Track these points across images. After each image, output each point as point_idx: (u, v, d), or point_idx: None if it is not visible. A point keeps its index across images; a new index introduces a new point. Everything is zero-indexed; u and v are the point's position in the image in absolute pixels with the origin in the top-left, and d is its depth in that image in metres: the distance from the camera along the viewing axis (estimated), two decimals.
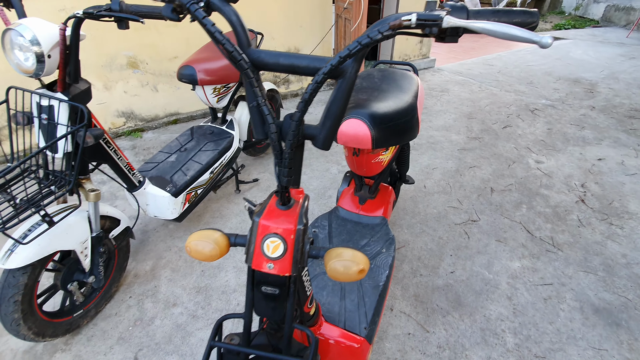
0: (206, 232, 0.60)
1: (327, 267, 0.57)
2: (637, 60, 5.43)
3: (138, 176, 1.52)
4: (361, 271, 0.56)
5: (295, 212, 0.59)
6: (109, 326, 1.46)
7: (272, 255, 0.56)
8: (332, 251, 0.58)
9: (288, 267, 0.57)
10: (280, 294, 0.61)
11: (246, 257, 0.58)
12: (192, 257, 0.60)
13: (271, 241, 0.56)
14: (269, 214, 0.58)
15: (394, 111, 1.07)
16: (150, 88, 2.96)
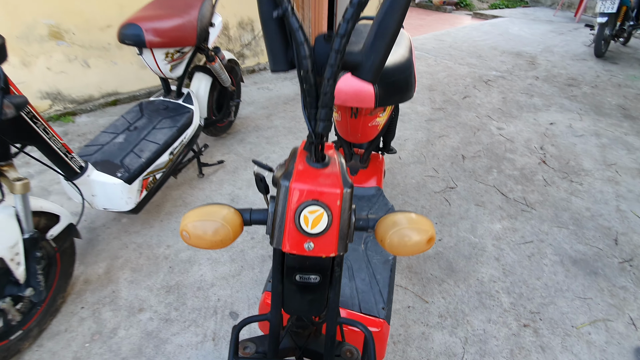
0: (209, 208, 0.43)
1: (386, 240, 0.43)
2: (565, 35, 5.92)
3: (78, 161, 1.23)
4: (430, 240, 0.43)
5: (335, 170, 0.43)
6: (59, 346, 1.19)
7: (313, 230, 0.40)
8: (387, 219, 0.44)
9: (333, 245, 0.41)
10: (322, 282, 0.45)
11: (272, 238, 0.42)
12: (192, 244, 0.42)
13: (311, 211, 0.40)
14: (302, 174, 0.42)
15: (394, 65, 0.94)
16: (79, 63, 2.50)
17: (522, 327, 1.26)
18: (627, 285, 1.43)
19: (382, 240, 0.44)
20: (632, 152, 2.39)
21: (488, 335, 1.24)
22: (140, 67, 2.77)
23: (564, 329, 1.26)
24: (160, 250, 1.56)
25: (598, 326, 1.28)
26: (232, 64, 2.13)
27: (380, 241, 0.44)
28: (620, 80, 3.77)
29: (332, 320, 0.47)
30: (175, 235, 1.63)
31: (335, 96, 0.91)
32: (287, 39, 0.41)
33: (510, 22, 6.83)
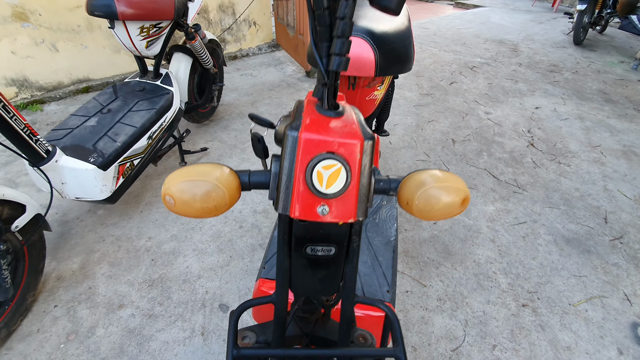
0: (199, 167, 0.35)
1: (414, 203, 0.36)
2: (544, 24, 6.01)
3: (45, 144, 1.11)
4: (465, 200, 0.36)
5: (350, 119, 0.36)
6: (31, 348, 1.09)
7: (328, 190, 0.33)
8: (412, 178, 0.37)
9: (352, 209, 0.34)
10: (337, 255, 0.38)
11: (276, 202, 0.34)
12: (177, 212, 0.34)
13: (325, 166, 0.32)
14: (314, 123, 0.34)
15: (393, 32, 0.87)
16: (47, 47, 2.31)
17: (521, 307, 1.25)
18: (620, 262, 1.44)
19: (407, 203, 0.37)
20: (615, 134, 2.44)
21: (488, 316, 1.21)
22: (113, 51, 2.59)
23: (562, 307, 1.25)
24: (141, 242, 1.45)
25: (594, 303, 1.27)
26: (213, 45, 2.01)
27: (405, 204, 0.37)
28: (599, 66, 3.85)
29: (348, 300, 0.40)
30: (157, 227, 1.52)
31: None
32: None
33: (491, 12, 6.89)
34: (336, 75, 0.34)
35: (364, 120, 1.09)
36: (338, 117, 0.35)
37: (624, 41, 5.02)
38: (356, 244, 0.38)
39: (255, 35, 3.52)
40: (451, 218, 1.62)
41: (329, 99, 0.35)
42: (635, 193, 1.85)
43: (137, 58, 1.57)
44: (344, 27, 0.31)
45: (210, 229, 1.52)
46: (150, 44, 1.45)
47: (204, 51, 1.74)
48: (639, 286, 1.34)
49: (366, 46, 0.79)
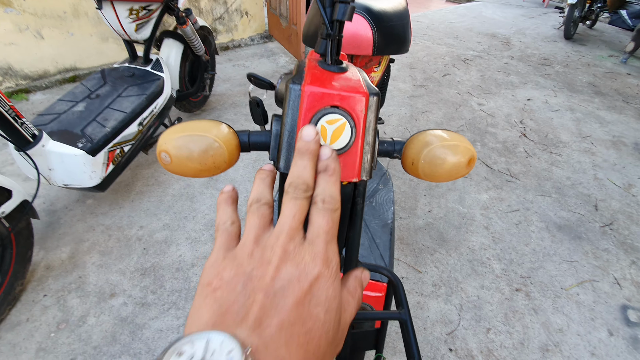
0: (196, 123, 0.33)
1: (419, 162, 0.35)
2: (535, 19, 6.06)
3: (31, 128, 1.07)
4: (471, 160, 0.35)
5: (354, 75, 0.34)
6: (20, 337, 1.06)
7: (332, 145, 0.31)
8: (417, 138, 0.36)
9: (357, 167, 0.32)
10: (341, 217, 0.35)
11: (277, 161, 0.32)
12: (173, 170, 0.32)
13: (329, 121, 0.30)
14: (317, 77, 0.32)
15: (392, 10, 0.86)
16: (32, 34, 2.24)
17: (514, 291, 1.26)
18: (609, 247, 1.47)
19: (413, 163, 0.36)
20: (605, 125, 2.47)
21: (482, 301, 1.22)
22: (101, 39, 2.52)
23: (554, 291, 1.27)
24: (133, 231, 1.42)
25: (585, 287, 1.29)
26: (205, 32, 1.96)
27: (410, 165, 0.36)
28: (589, 60, 3.90)
29: (351, 266, 0.38)
30: (149, 216, 1.49)
31: None
32: None
33: (483, 6, 6.92)
34: (340, 25, 0.33)
35: None
36: (342, 73, 0.34)
37: (613, 36, 5.09)
38: (360, 206, 0.36)
39: (248, 25, 3.47)
40: (446, 207, 1.63)
41: (333, 53, 0.34)
42: (624, 181, 1.88)
43: (126, 43, 1.53)
44: None
45: (203, 217, 1.50)
46: (139, 27, 1.41)
47: (195, 37, 1.70)
48: (628, 270, 1.37)
49: (364, 23, 0.78)
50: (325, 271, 0.22)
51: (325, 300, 0.21)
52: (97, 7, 1.27)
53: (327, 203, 0.25)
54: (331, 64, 0.34)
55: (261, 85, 0.49)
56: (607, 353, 1.08)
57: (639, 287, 1.30)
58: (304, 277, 0.21)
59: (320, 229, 0.24)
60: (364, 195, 0.36)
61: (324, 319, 0.21)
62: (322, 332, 0.21)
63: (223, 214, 0.27)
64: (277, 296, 0.20)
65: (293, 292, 0.20)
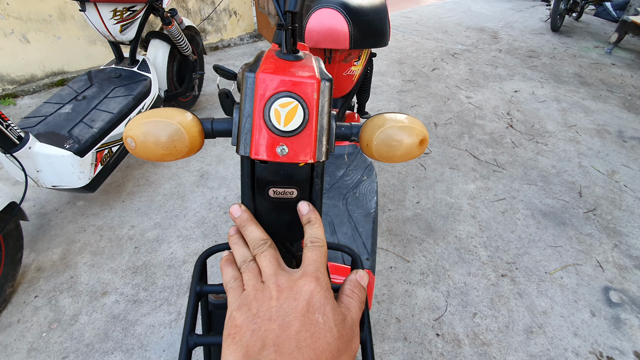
0: (161, 110, 0.35)
1: (373, 143, 0.37)
2: (523, 12, 6.12)
3: (17, 130, 1.08)
4: (423, 141, 0.37)
5: (309, 62, 0.37)
6: (12, 338, 1.07)
7: (286, 127, 0.33)
8: (372, 120, 0.38)
9: (311, 148, 0.34)
10: (300, 198, 0.38)
11: (237, 145, 0.34)
12: (138, 154, 0.34)
13: (282, 104, 0.33)
14: (272, 65, 0.35)
15: (368, 5, 0.88)
16: (17, 38, 2.23)
17: (500, 277, 1.29)
18: (593, 232, 1.50)
19: (367, 145, 0.38)
20: (590, 115, 2.52)
21: (469, 287, 1.25)
22: (88, 42, 2.52)
23: (539, 275, 1.30)
24: (124, 231, 1.43)
25: (569, 271, 1.33)
26: (192, 32, 1.97)
27: (365, 147, 0.38)
28: (575, 51, 3.96)
29: None
30: (140, 215, 1.50)
31: (307, 37, 0.84)
32: None
33: (472, 1, 6.96)
34: (293, 16, 0.35)
35: (345, 99, 1.09)
36: (297, 61, 0.36)
37: (598, 27, 5.16)
38: (318, 186, 0.38)
39: (237, 25, 3.47)
40: (434, 197, 1.66)
41: (287, 42, 0.36)
42: (608, 168, 1.92)
43: (112, 44, 1.54)
44: None
45: (194, 215, 1.51)
46: (124, 29, 1.41)
47: (181, 37, 1.71)
48: (611, 253, 1.40)
49: (340, 17, 0.80)
50: (317, 286, 0.29)
51: (320, 307, 0.28)
52: (80, 9, 1.28)
53: (315, 242, 0.33)
54: (287, 52, 0.36)
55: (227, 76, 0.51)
56: (590, 333, 1.11)
57: (620, 269, 1.33)
58: (299, 296, 0.28)
59: (311, 260, 0.31)
60: (322, 176, 0.38)
61: (323, 321, 0.27)
62: (325, 331, 0.26)
63: (226, 274, 0.34)
64: (282, 319, 0.27)
65: (294, 310, 0.27)
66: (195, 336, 0.35)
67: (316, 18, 0.80)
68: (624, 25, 3.77)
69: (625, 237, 1.49)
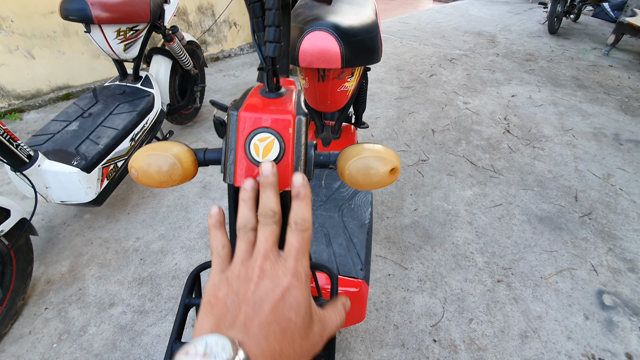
0: (160, 144, 0.39)
1: (346, 171, 0.41)
2: (521, 15, 6.16)
3: (26, 149, 1.13)
4: (394, 170, 0.41)
5: (289, 99, 0.41)
6: (23, 349, 1.11)
7: (264, 159, 0.38)
8: (348, 150, 0.42)
9: (288, 177, 0.39)
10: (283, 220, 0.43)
11: (224, 174, 0.39)
12: (141, 182, 0.39)
13: (260, 139, 0.38)
14: (252, 104, 0.40)
15: (359, 26, 0.92)
16: (22, 54, 2.30)
17: (496, 282, 1.32)
18: (588, 236, 1.53)
19: (342, 172, 0.42)
20: (586, 118, 2.54)
21: (465, 293, 1.28)
22: (92, 57, 2.59)
23: (534, 280, 1.33)
24: (129, 243, 1.48)
25: (564, 275, 1.35)
26: (192, 46, 2.03)
27: (340, 174, 0.42)
28: (573, 53, 3.98)
29: None
30: (145, 227, 1.55)
31: (301, 58, 0.88)
32: None
33: (470, 4, 7.02)
34: (273, 60, 0.39)
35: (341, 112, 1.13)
36: (277, 98, 0.41)
37: (597, 28, 5.19)
38: None
39: (237, 35, 3.54)
40: (431, 204, 1.69)
41: (269, 82, 0.41)
42: (604, 172, 1.95)
43: (115, 62, 1.59)
44: (272, 16, 0.36)
45: (197, 226, 1.56)
46: (127, 47, 1.47)
47: (182, 52, 1.76)
48: (605, 257, 1.43)
49: (331, 39, 0.84)
50: (295, 282, 0.28)
51: (297, 305, 0.27)
52: (85, 30, 1.34)
53: (299, 225, 0.31)
54: (269, 91, 0.41)
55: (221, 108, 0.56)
56: (583, 336, 1.14)
57: (614, 273, 1.36)
58: (277, 288, 0.28)
59: (292, 247, 0.30)
60: None
61: (295, 319, 0.27)
62: (295, 330, 0.27)
63: (214, 239, 0.33)
64: (256, 305, 0.27)
65: (269, 301, 0.27)
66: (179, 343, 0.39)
67: (309, 40, 0.85)
68: (620, 26, 3.80)
69: (620, 240, 1.51)
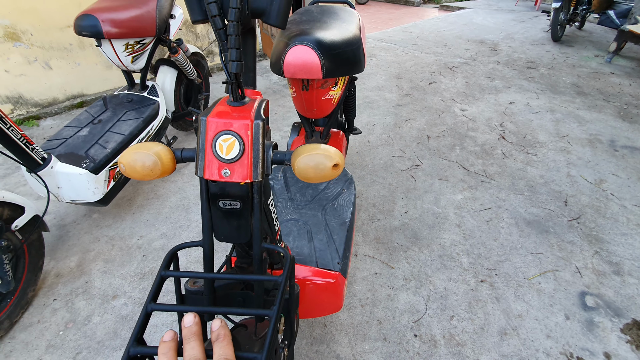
0: (144, 144, 0.48)
1: (296, 166, 0.49)
2: (525, 23, 6.19)
3: (40, 152, 1.24)
4: (335, 166, 0.49)
5: (250, 107, 0.50)
6: (32, 336, 1.20)
7: (227, 156, 0.47)
8: (300, 149, 0.50)
9: (248, 172, 0.47)
10: (243, 208, 0.51)
11: (196, 168, 0.48)
12: (128, 175, 0.48)
13: (224, 140, 0.47)
14: (219, 112, 0.49)
15: (340, 40, 1.01)
16: (40, 65, 2.46)
17: (479, 282, 1.36)
18: (575, 239, 1.56)
19: (293, 166, 0.50)
20: (583, 125, 2.57)
21: (448, 292, 1.32)
22: (105, 67, 2.74)
23: (517, 281, 1.37)
24: (133, 241, 1.57)
25: (547, 276, 1.39)
26: (197, 57, 2.15)
27: (294, 169, 0.50)
28: (575, 61, 4.00)
29: (257, 245, 0.53)
30: (148, 227, 1.64)
31: (285, 69, 0.96)
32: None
33: (474, 13, 7.08)
34: (236, 75, 0.48)
35: (328, 118, 1.22)
36: (241, 106, 0.49)
37: (601, 35, 5.18)
38: (257, 200, 0.51)
39: None
40: (421, 208, 1.74)
41: (234, 93, 0.49)
42: (596, 177, 1.97)
43: (124, 72, 1.71)
44: (232, 40, 0.45)
45: (197, 226, 1.64)
46: (135, 59, 1.59)
47: (187, 63, 1.88)
48: (591, 260, 1.45)
49: (312, 53, 0.93)
50: None
51: None
52: (97, 44, 1.46)
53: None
54: (233, 100, 0.49)
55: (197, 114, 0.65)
56: (562, 335, 1.17)
57: (599, 275, 1.39)
58: None
59: None
60: (260, 191, 0.51)
61: None
62: None
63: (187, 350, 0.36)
64: None
65: None
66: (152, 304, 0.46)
67: (292, 54, 0.93)
68: (622, 34, 3.81)
69: (607, 244, 1.54)
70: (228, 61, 0.47)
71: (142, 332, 0.42)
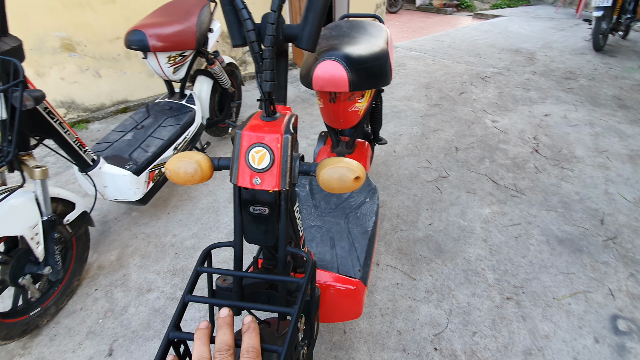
0: (186, 153, 0.55)
1: (320, 177, 0.54)
2: (565, 31, 5.94)
3: (91, 154, 1.36)
4: (357, 179, 0.53)
5: (281, 122, 0.55)
6: (75, 322, 1.31)
7: (258, 166, 0.52)
8: (324, 162, 0.55)
9: (277, 181, 0.52)
10: (271, 214, 0.56)
11: (231, 176, 0.53)
12: (172, 180, 0.54)
13: (256, 151, 0.52)
14: (253, 126, 0.54)
15: (367, 54, 1.05)
16: (91, 73, 2.68)
17: (505, 299, 1.33)
18: (609, 260, 1.48)
19: (318, 177, 0.54)
20: (624, 139, 2.43)
21: (472, 307, 1.30)
22: (148, 76, 2.94)
23: (546, 300, 1.32)
24: (167, 239, 1.67)
25: (578, 297, 1.33)
26: (232, 67, 2.26)
27: (318, 179, 0.54)
28: (618, 72, 3.79)
29: (282, 248, 0.58)
30: (181, 226, 1.75)
31: (314, 83, 1.02)
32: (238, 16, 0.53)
33: (510, 21, 6.89)
34: (269, 94, 0.53)
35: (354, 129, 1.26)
36: (272, 121, 0.54)
37: None
38: (283, 207, 0.56)
39: None
40: (447, 220, 1.73)
41: (267, 109, 0.55)
42: (636, 196, 1.86)
43: (165, 82, 1.84)
44: (267, 63, 0.50)
45: (225, 228, 1.72)
46: (176, 70, 1.71)
47: (222, 74, 1.99)
48: (625, 282, 1.38)
49: (339, 67, 0.97)
50: None
51: None
52: (143, 57, 1.59)
53: (249, 353, 0.38)
54: (266, 115, 0.55)
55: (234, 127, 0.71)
56: (590, 358, 1.12)
57: (633, 298, 1.31)
58: None
59: None
60: (287, 199, 0.55)
61: None
62: None
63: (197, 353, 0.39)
64: None
65: None
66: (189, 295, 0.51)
67: (321, 68, 0.98)
68: None
69: None
70: (263, 81, 0.52)
71: (179, 320, 0.48)
